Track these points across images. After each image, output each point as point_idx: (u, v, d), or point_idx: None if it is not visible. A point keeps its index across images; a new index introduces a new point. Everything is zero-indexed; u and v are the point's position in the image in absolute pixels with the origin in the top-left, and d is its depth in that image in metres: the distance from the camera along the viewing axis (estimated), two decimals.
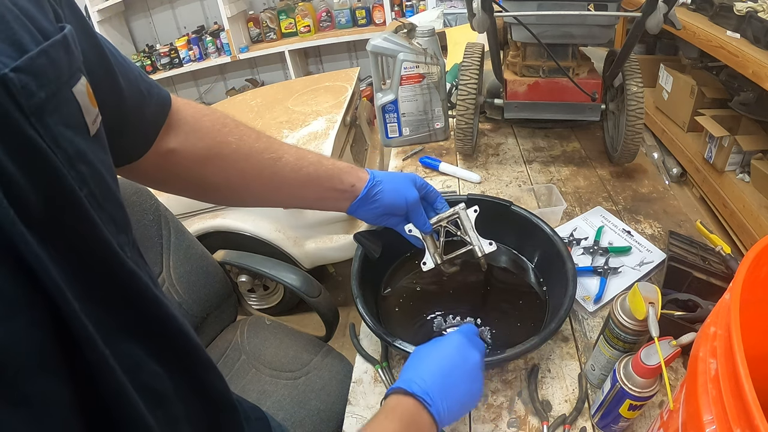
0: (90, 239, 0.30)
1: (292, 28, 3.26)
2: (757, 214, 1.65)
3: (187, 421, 0.40)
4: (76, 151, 0.30)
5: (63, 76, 0.29)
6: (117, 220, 0.34)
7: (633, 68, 0.98)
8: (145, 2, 3.34)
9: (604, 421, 0.59)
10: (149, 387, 0.35)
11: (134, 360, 0.34)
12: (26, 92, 0.26)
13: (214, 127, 0.56)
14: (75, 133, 0.30)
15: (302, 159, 0.60)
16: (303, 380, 1.00)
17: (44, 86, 0.27)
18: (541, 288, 0.78)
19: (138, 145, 0.49)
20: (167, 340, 0.38)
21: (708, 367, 0.33)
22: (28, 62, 0.26)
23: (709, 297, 0.68)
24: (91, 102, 0.32)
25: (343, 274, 2.01)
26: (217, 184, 0.57)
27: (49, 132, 0.27)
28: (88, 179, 0.30)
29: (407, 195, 0.66)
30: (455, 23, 2.06)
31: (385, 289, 0.82)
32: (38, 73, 0.27)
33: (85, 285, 0.29)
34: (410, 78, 1.19)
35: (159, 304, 0.36)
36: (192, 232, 1.20)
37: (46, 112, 0.27)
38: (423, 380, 0.51)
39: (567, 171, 1.12)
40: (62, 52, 0.29)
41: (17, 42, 0.27)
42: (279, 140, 0.61)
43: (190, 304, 1.02)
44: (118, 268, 0.32)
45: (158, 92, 0.51)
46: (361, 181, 0.63)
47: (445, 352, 0.55)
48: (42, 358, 0.25)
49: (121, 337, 0.33)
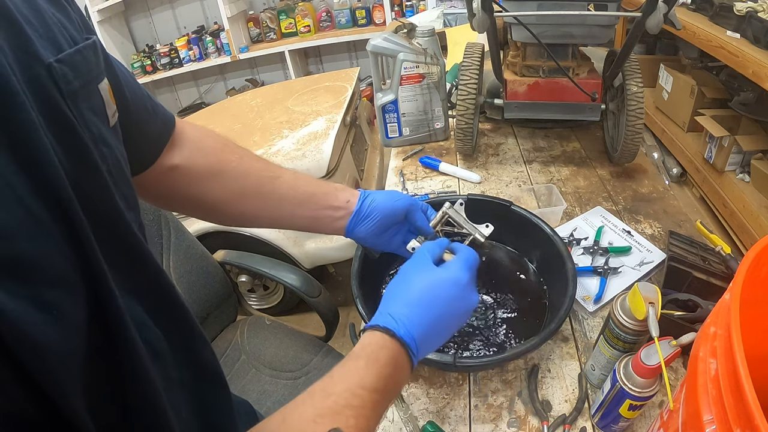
0: (107, 206, 0.34)
1: (292, 28, 3.26)
2: (757, 214, 1.65)
3: (180, 384, 0.42)
4: (100, 134, 0.35)
5: (92, 72, 0.35)
6: (128, 199, 0.38)
7: (633, 68, 0.98)
8: (145, 2, 3.33)
9: (604, 421, 0.59)
10: (150, 343, 0.37)
11: (138, 315, 0.37)
12: (65, 79, 0.31)
13: (216, 146, 0.59)
14: (99, 121, 0.35)
15: (299, 179, 0.62)
16: (303, 380, 1.00)
17: (78, 77, 0.33)
18: (541, 288, 0.78)
19: (141, 159, 0.51)
20: (167, 307, 0.41)
21: (708, 367, 0.33)
22: (67, 57, 0.32)
23: (709, 297, 0.68)
24: (111, 99, 0.38)
25: (343, 274, 2.01)
26: (217, 200, 0.59)
27: (80, 114, 0.32)
28: (108, 159, 0.35)
29: (400, 198, 0.67)
30: (455, 23, 2.06)
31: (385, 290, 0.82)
32: (75, 66, 0.32)
33: (101, 243, 0.32)
34: (410, 78, 1.19)
35: (161, 273, 0.40)
36: (192, 232, 1.20)
37: (79, 98, 0.33)
38: (410, 321, 0.47)
39: (567, 171, 1.12)
40: (92, 54, 0.35)
41: (57, 43, 0.33)
42: (276, 163, 0.63)
43: (190, 304, 1.01)
44: (128, 236, 0.36)
45: (164, 112, 0.54)
46: (355, 197, 0.64)
47: (442, 293, 0.50)
48: (65, 279, 0.28)
49: (127, 292, 0.35)
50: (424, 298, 0.49)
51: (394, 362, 0.44)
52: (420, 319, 0.47)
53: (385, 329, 0.46)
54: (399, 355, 0.45)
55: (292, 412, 0.39)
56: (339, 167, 1.57)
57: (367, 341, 0.45)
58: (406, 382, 0.47)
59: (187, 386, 0.43)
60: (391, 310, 0.48)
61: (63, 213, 0.29)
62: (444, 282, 0.51)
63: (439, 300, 0.49)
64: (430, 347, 0.49)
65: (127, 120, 0.44)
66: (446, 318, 0.50)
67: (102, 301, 0.31)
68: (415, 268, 0.53)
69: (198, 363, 0.45)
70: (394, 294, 0.50)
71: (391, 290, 0.51)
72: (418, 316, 0.47)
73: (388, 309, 0.48)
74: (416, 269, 0.52)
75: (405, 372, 0.46)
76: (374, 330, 0.46)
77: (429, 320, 0.48)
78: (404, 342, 0.45)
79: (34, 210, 0.27)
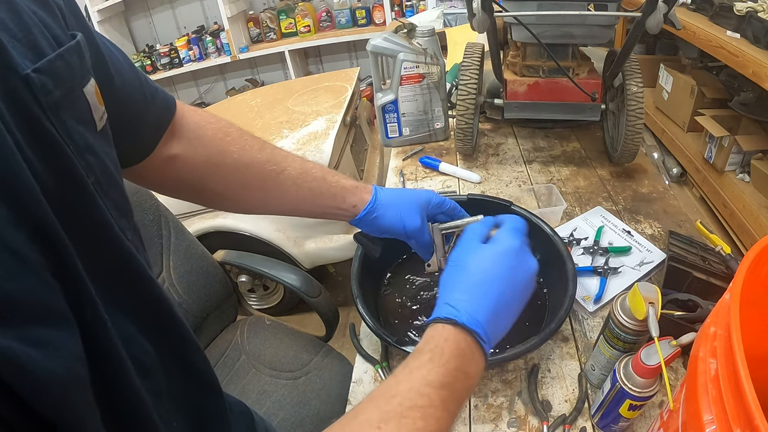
0: (94, 220, 0.33)
1: (292, 28, 3.26)
2: (757, 214, 1.65)
3: (171, 396, 0.41)
4: (85, 143, 0.33)
5: (76, 77, 0.33)
6: (119, 206, 0.37)
7: (633, 68, 0.98)
8: (145, 2, 3.33)
9: (604, 421, 0.59)
10: (139, 360, 0.36)
11: (127, 333, 0.36)
12: (45, 90, 0.29)
13: (217, 135, 0.56)
14: (84, 128, 0.33)
15: (306, 173, 0.60)
16: (303, 380, 1.00)
17: (60, 86, 0.31)
18: (541, 288, 0.78)
19: (139, 149, 0.50)
20: (158, 319, 0.40)
21: (708, 367, 0.33)
22: (47, 64, 0.30)
23: (709, 297, 0.68)
24: (99, 100, 0.36)
25: (343, 274, 2.01)
26: (217, 191, 0.58)
27: (62, 126, 0.31)
28: (95, 168, 0.34)
29: (407, 223, 0.62)
30: (455, 23, 2.06)
31: (385, 290, 0.82)
32: (55, 74, 0.30)
33: (88, 259, 0.31)
34: (410, 78, 1.19)
35: (152, 284, 0.39)
36: (192, 232, 1.20)
37: (61, 108, 0.31)
38: (471, 305, 0.43)
39: (567, 171, 1.12)
40: (75, 57, 0.33)
41: (37, 47, 0.31)
42: (285, 151, 0.60)
43: (190, 304, 1.02)
44: (118, 248, 0.35)
45: (163, 97, 0.52)
46: (363, 203, 0.61)
47: (498, 268, 0.46)
48: (52, 314, 0.27)
49: (117, 311, 0.35)
50: (481, 278, 0.45)
51: (462, 353, 0.41)
52: (482, 301, 0.44)
53: (446, 320, 0.42)
54: (467, 345, 0.41)
55: (352, 421, 0.36)
56: (339, 167, 1.57)
57: (430, 335, 0.42)
58: (481, 372, 0.42)
59: (179, 396, 0.42)
60: (448, 299, 0.44)
61: (45, 241, 0.27)
62: (497, 255, 0.47)
63: (497, 275, 0.46)
64: (502, 328, 0.46)
65: (120, 115, 0.43)
66: (510, 292, 0.46)
67: (91, 329, 0.30)
68: (465, 252, 0.49)
69: (190, 372, 0.45)
70: (448, 282, 0.47)
71: (446, 280, 0.47)
72: (478, 299, 0.44)
73: (446, 299, 0.44)
74: (466, 253, 0.48)
75: (478, 362, 0.42)
76: (436, 323, 0.43)
77: (492, 300, 0.44)
78: (470, 329, 0.41)
79: (12, 244, 0.25)
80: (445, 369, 0.39)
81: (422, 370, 0.39)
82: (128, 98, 0.46)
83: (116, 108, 0.41)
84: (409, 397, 0.37)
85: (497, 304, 0.44)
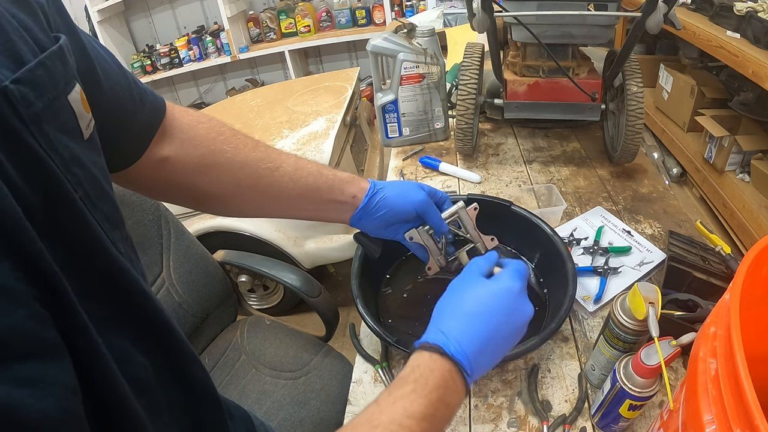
0: (84, 236, 0.31)
1: (292, 28, 3.26)
2: (757, 214, 1.65)
3: (169, 410, 0.40)
4: (71, 155, 0.31)
5: (59, 85, 0.31)
6: (110, 218, 0.35)
7: (633, 68, 0.98)
8: (145, 2, 3.33)
9: (604, 421, 0.59)
10: (134, 377, 0.36)
11: (122, 350, 0.35)
12: (25, 102, 0.27)
13: (209, 135, 0.55)
14: (70, 139, 0.31)
15: (301, 169, 0.59)
16: (303, 380, 1.00)
17: (42, 96, 0.29)
18: (541, 288, 0.78)
19: (129, 152, 0.49)
20: (153, 333, 0.39)
21: (708, 367, 0.33)
22: (27, 74, 0.28)
23: (709, 297, 0.68)
24: (85, 108, 0.33)
25: (343, 274, 2.01)
26: (211, 193, 0.56)
27: (46, 138, 0.29)
28: (83, 181, 0.32)
29: (414, 197, 0.63)
30: (455, 23, 2.06)
31: (385, 289, 0.82)
32: (36, 84, 0.28)
33: (79, 279, 0.30)
34: (410, 78, 1.19)
35: (147, 298, 0.38)
36: (192, 232, 1.20)
37: (44, 120, 0.29)
38: (462, 336, 0.43)
39: (567, 171, 1.12)
40: (58, 63, 0.31)
41: (16, 54, 0.28)
42: (278, 150, 0.59)
43: (190, 304, 1.02)
44: (110, 264, 0.34)
45: (152, 99, 0.50)
46: (363, 191, 0.61)
47: (495, 304, 0.46)
48: (42, 346, 0.26)
49: (111, 329, 0.34)
50: (476, 310, 0.46)
51: (445, 384, 0.41)
52: (473, 334, 0.44)
53: (435, 347, 0.42)
54: (450, 376, 0.42)
55: None
56: (339, 167, 1.58)
57: (416, 363, 0.42)
58: (460, 404, 0.43)
59: (176, 409, 0.42)
60: (441, 326, 0.45)
61: (31, 268, 0.26)
62: (496, 293, 0.47)
63: (492, 312, 0.46)
64: (486, 365, 0.46)
65: (108, 119, 0.42)
66: (502, 331, 0.46)
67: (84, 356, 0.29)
68: (465, 282, 0.49)
69: (187, 383, 0.44)
70: (444, 310, 0.47)
71: (441, 306, 0.48)
72: (470, 332, 0.44)
73: (438, 325, 0.45)
74: (466, 283, 0.49)
75: (458, 394, 0.42)
76: (423, 350, 0.43)
77: (483, 335, 0.44)
78: (456, 360, 0.42)
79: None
80: (428, 400, 0.40)
81: (404, 401, 0.39)
82: (116, 102, 0.44)
83: (104, 112, 0.40)
84: (390, 429, 0.37)
85: (488, 339, 0.45)
